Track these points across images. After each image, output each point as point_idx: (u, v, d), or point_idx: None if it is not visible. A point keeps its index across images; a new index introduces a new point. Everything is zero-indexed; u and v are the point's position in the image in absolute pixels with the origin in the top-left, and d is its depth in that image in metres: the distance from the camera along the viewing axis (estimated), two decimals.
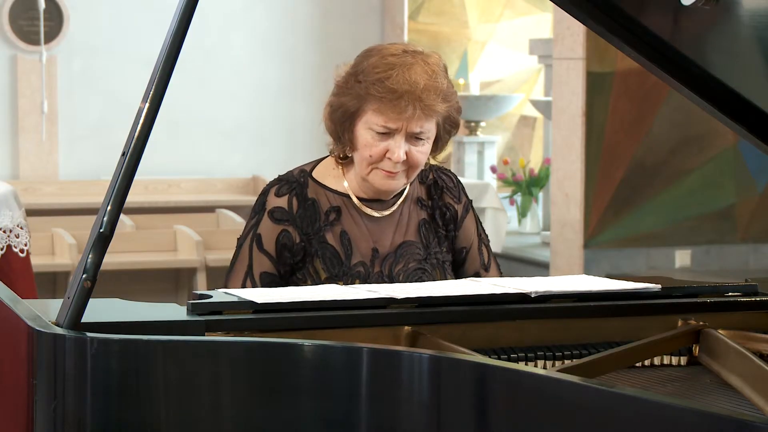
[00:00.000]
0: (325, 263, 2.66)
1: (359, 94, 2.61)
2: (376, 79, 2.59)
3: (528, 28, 10.60)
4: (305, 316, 2.14)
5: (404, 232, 2.74)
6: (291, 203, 2.69)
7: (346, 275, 2.66)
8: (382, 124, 2.60)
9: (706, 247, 7.43)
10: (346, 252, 2.68)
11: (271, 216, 2.69)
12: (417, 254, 2.73)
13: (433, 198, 2.79)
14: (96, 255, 1.97)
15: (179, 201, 8.12)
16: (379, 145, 2.62)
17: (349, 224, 2.70)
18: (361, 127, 2.64)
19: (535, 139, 10.84)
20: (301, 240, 2.67)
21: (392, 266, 2.70)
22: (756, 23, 2.18)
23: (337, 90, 2.68)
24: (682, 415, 1.63)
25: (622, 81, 7.01)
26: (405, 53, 2.62)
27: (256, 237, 2.69)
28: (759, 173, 7.44)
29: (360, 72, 2.63)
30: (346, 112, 2.65)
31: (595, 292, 2.33)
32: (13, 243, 4.30)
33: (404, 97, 2.57)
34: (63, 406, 1.89)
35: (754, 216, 7.47)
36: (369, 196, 2.73)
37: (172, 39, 2.05)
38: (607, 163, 7.07)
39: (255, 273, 2.67)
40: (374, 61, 2.62)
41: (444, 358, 1.88)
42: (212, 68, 8.54)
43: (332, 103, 2.68)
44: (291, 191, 2.70)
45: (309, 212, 2.69)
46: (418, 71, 2.59)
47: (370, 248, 2.70)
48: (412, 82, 2.57)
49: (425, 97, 2.58)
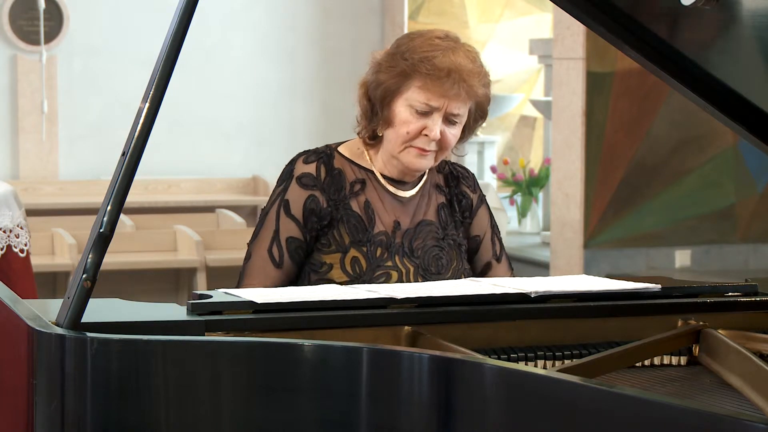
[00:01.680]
0: (350, 229, 2.73)
1: (404, 70, 2.71)
2: (423, 57, 2.69)
3: (528, 28, 10.60)
4: (305, 316, 2.14)
5: (424, 212, 2.83)
6: (319, 170, 2.77)
7: (370, 242, 2.73)
8: (425, 101, 2.70)
9: (706, 247, 7.43)
10: (369, 220, 2.76)
11: (299, 182, 2.76)
12: (435, 233, 2.81)
13: (450, 185, 2.89)
14: (96, 255, 1.98)
15: (179, 201, 8.12)
16: (417, 122, 2.72)
17: (372, 196, 2.79)
18: (400, 104, 2.72)
19: (535, 139, 10.84)
20: (328, 205, 2.74)
21: (412, 241, 2.77)
22: (756, 23, 2.17)
23: (377, 68, 2.76)
24: (682, 415, 1.62)
25: (622, 81, 7.01)
26: (448, 38, 2.74)
27: (284, 203, 2.75)
28: (759, 173, 7.43)
29: (405, 51, 2.72)
30: (388, 89, 2.73)
31: (595, 292, 2.33)
32: (13, 243, 4.30)
33: (451, 75, 2.68)
34: (63, 406, 1.89)
35: (754, 216, 7.47)
36: (393, 176, 2.81)
37: (172, 39, 2.05)
38: (607, 163, 7.07)
39: (282, 238, 2.73)
40: (420, 42, 2.72)
41: (444, 358, 1.88)
42: (212, 68, 8.53)
43: (370, 80, 2.77)
44: (318, 159, 2.78)
45: (335, 180, 2.77)
46: (461, 55, 2.71)
47: (392, 220, 2.78)
48: (457, 63, 2.69)
49: (469, 78, 2.69)
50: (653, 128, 7.14)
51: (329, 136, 8.69)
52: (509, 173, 9.00)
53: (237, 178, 8.58)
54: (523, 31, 10.52)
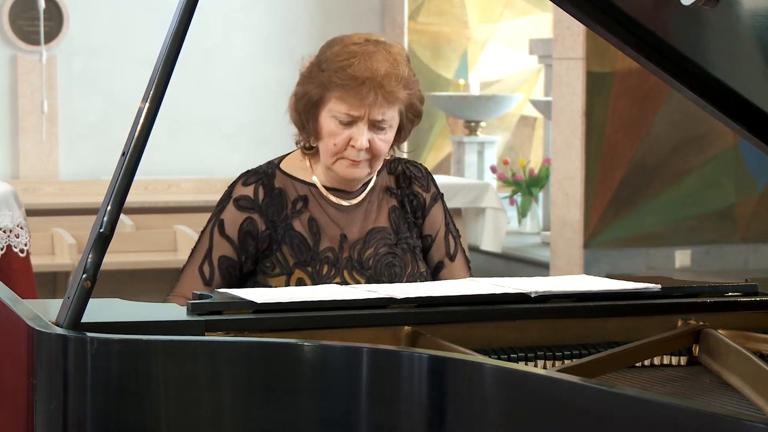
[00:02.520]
0: (293, 249, 2.69)
1: (322, 82, 2.65)
2: (338, 67, 2.63)
3: (528, 28, 10.60)
4: (305, 316, 2.14)
5: (374, 219, 2.77)
6: (257, 192, 2.72)
7: (314, 260, 2.69)
8: (345, 111, 2.64)
9: (706, 247, 7.43)
10: (314, 238, 2.71)
11: (236, 204, 2.71)
12: (387, 239, 2.75)
13: (401, 187, 2.82)
14: (96, 255, 1.98)
15: (179, 201, 8.12)
16: (342, 133, 2.66)
17: (316, 212, 2.74)
18: (324, 116, 2.67)
19: (535, 139, 10.84)
20: (267, 228, 2.70)
21: (361, 252, 2.73)
22: (756, 23, 2.17)
23: (301, 79, 2.72)
24: (682, 415, 1.62)
25: (622, 81, 7.01)
26: (367, 42, 2.67)
27: (219, 222, 2.71)
28: (759, 173, 7.44)
29: (323, 61, 2.67)
30: (310, 100, 2.68)
31: (595, 292, 2.33)
32: (13, 243, 4.30)
33: (366, 84, 2.61)
34: (63, 406, 1.89)
35: (754, 216, 7.48)
36: (336, 186, 2.76)
37: (172, 39, 2.05)
38: (607, 163, 7.07)
39: (214, 256, 2.69)
40: (337, 50, 2.66)
41: (444, 358, 1.88)
42: (212, 68, 8.54)
43: (297, 92, 2.72)
44: (257, 181, 2.73)
45: (275, 201, 2.72)
46: (379, 59, 2.63)
47: (338, 234, 2.73)
48: (373, 69, 2.61)
49: (386, 83, 2.62)
50: (653, 128, 7.15)
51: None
52: (509, 173, 9.00)
53: None
54: (523, 31, 10.52)
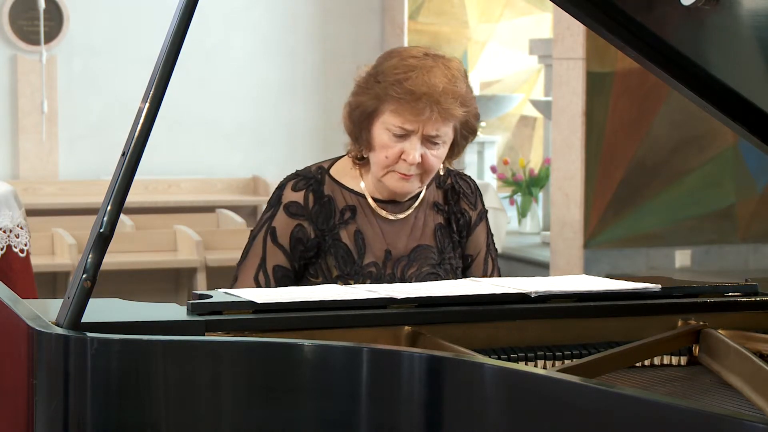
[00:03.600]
0: (338, 261, 2.68)
1: (378, 94, 2.63)
2: (395, 80, 2.61)
3: (528, 28, 10.60)
4: (305, 316, 2.14)
5: (419, 235, 2.75)
6: (307, 199, 2.71)
7: (357, 274, 2.67)
8: (399, 125, 2.62)
9: (706, 247, 7.43)
10: (359, 251, 2.69)
11: (287, 210, 2.70)
12: (431, 258, 2.74)
13: (449, 203, 2.81)
14: (96, 255, 1.97)
15: (179, 201, 8.12)
16: (395, 146, 2.64)
17: (363, 224, 2.72)
18: (378, 128, 2.65)
19: (535, 139, 10.84)
20: (316, 236, 2.69)
21: (405, 269, 2.71)
22: (756, 23, 2.17)
23: (356, 89, 2.69)
24: (682, 415, 1.62)
25: (622, 81, 7.01)
26: (426, 56, 2.63)
27: (271, 230, 2.70)
28: (759, 173, 7.44)
29: (380, 72, 2.64)
30: (364, 111, 2.66)
31: (595, 292, 2.33)
32: (13, 243, 4.30)
33: (422, 99, 2.58)
34: (63, 406, 1.89)
35: (754, 216, 7.47)
36: (384, 198, 2.74)
37: (172, 39, 2.05)
38: (607, 163, 7.07)
39: (268, 266, 2.68)
40: (395, 62, 2.63)
41: (444, 358, 1.87)
42: (212, 68, 8.54)
43: (351, 102, 2.70)
44: (307, 187, 2.72)
45: (324, 209, 2.70)
46: (437, 74, 2.60)
47: (383, 249, 2.71)
48: (430, 84, 2.58)
49: (443, 100, 2.59)
50: (653, 128, 7.14)
51: (329, 136, 8.71)
52: (509, 173, 9.00)
53: (237, 178, 8.58)
54: (523, 31, 10.52)
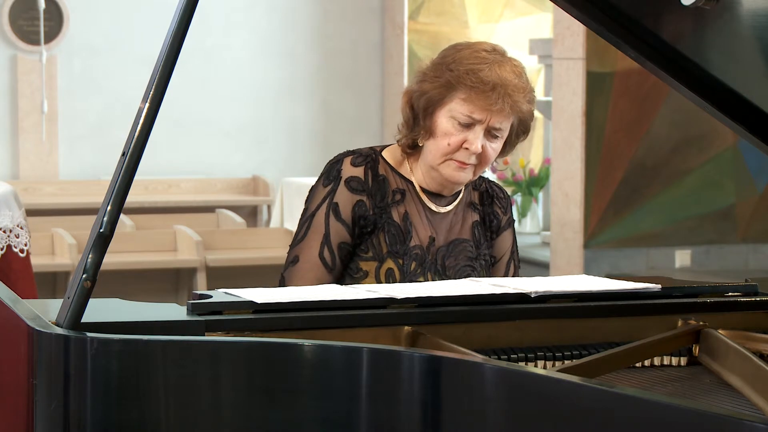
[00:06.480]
0: (389, 239, 2.71)
1: (449, 81, 2.67)
2: (469, 69, 2.66)
3: (528, 28, 10.60)
4: (305, 316, 2.14)
5: (459, 230, 2.81)
6: (366, 174, 2.74)
7: (406, 255, 2.72)
8: (468, 113, 2.67)
9: (706, 247, 7.43)
10: (407, 232, 2.73)
11: (348, 185, 2.72)
12: (469, 252, 2.80)
13: (484, 204, 2.87)
14: (96, 255, 1.97)
15: (179, 201, 8.13)
16: (458, 135, 2.68)
17: (411, 208, 2.77)
18: (443, 115, 2.69)
19: (535, 139, 10.83)
20: (374, 213, 2.72)
21: (444, 259, 2.76)
22: (756, 23, 2.18)
23: (422, 77, 2.73)
24: (682, 415, 1.62)
25: (622, 81, 7.01)
26: (494, 51, 2.71)
27: (333, 206, 2.71)
28: (759, 173, 7.44)
29: (452, 62, 2.68)
30: (431, 99, 2.70)
31: (595, 292, 2.33)
32: (13, 243, 4.30)
33: (496, 89, 2.64)
34: (63, 406, 1.89)
35: (754, 216, 7.47)
36: (432, 190, 2.78)
37: (172, 39, 2.05)
38: (607, 163, 7.07)
39: (333, 243, 2.70)
40: (467, 53, 2.69)
41: (443, 358, 1.88)
42: (212, 68, 8.54)
43: (415, 89, 2.73)
44: (366, 163, 2.75)
45: (381, 187, 2.74)
46: (507, 69, 2.67)
47: (427, 236, 2.76)
48: (503, 77, 2.65)
49: (514, 93, 2.66)
50: (653, 128, 7.14)
51: (329, 136, 8.72)
52: (509, 173, 8.99)
53: (237, 178, 8.58)
54: (523, 31, 10.52)
